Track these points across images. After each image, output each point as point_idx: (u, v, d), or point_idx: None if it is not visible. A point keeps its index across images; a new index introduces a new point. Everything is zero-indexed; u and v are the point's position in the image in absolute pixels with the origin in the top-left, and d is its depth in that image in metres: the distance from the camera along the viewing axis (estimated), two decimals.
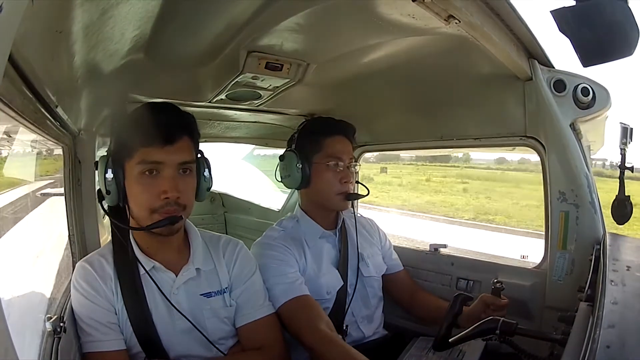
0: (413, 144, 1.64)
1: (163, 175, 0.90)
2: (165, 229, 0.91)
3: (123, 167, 0.92)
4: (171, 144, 0.90)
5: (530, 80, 1.15)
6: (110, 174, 0.91)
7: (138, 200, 0.92)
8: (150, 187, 0.90)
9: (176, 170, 0.92)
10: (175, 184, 0.90)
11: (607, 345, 0.54)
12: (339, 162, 1.27)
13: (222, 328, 1.02)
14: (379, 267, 1.42)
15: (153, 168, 0.90)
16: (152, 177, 0.90)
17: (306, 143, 1.29)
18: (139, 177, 0.90)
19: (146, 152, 0.89)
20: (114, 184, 0.91)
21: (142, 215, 0.92)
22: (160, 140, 0.89)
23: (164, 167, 0.90)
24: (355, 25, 0.97)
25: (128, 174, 0.92)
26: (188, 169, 0.94)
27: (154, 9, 0.81)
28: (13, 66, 0.62)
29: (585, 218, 1.13)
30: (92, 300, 0.92)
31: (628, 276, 0.80)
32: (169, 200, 0.90)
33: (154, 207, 0.90)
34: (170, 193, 0.90)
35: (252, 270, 1.09)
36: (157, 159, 0.90)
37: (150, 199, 0.90)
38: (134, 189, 0.92)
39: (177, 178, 0.91)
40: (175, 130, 0.92)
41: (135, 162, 0.90)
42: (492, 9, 0.88)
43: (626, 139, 1.14)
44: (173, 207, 0.91)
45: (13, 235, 1.16)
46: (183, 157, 0.92)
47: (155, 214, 0.91)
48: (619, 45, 0.76)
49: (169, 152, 0.90)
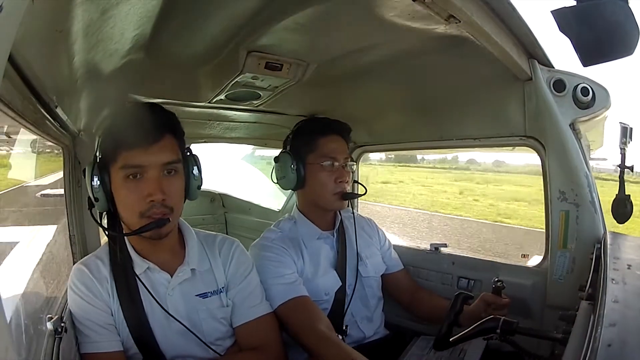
0: (413, 144, 1.64)
1: (147, 177, 0.89)
2: (154, 232, 0.90)
3: (109, 172, 0.91)
4: (153, 144, 0.89)
5: (530, 80, 1.15)
6: (96, 181, 0.90)
7: (125, 204, 0.91)
8: (135, 191, 0.89)
9: (160, 171, 0.90)
10: (160, 186, 0.89)
11: (608, 343, 0.54)
12: (334, 162, 1.27)
13: (218, 328, 1.01)
14: (378, 267, 1.42)
15: (136, 172, 0.89)
16: (136, 181, 0.89)
17: (300, 144, 1.29)
18: (124, 182, 0.89)
19: (128, 155, 0.88)
20: (101, 191, 0.90)
21: (131, 220, 0.91)
22: (141, 142, 0.88)
23: (147, 169, 0.89)
24: (355, 25, 0.96)
25: (113, 179, 0.91)
26: (173, 169, 0.92)
27: (154, 9, 0.81)
28: (13, 66, 0.62)
29: (585, 217, 1.13)
30: (89, 302, 0.92)
31: (629, 275, 0.80)
32: (154, 202, 0.89)
33: (141, 210, 0.89)
34: (154, 196, 0.88)
35: (248, 269, 1.08)
36: (139, 162, 0.88)
37: (136, 203, 0.89)
38: (120, 194, 0.91)
39: (161, 180, 0.90)
40: (156, 130, 0.90)
41: (118, 167, 0.89)
42: (492, 9, 0.88)
43: (626, 138, 1.14)
44: (160, 209, 0.89)
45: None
46: (166, 158, 0.90)
47: (143, 218, 0.89)
48: (619, 45, 0.76)
49: (151, 153, 0.89)
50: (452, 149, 1.54)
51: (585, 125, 1.19)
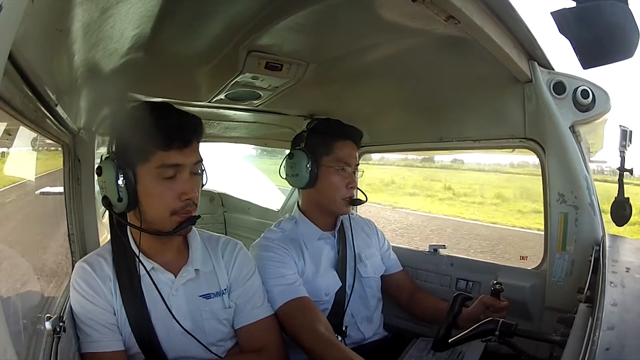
0: (413, 145, 1.64)
1: (181, 177, 0.91)
2: (185, 230, 0.93)
3: (135, 171, 0.91)
4: (188, 146, 0.92)
5: (530, 82, 1.15)
6: (122, 180, 0.89)
7: (156, 203, 0.92)
8: (170, 190, 0.91)
9: (191, 171, 0.93)
10: (192, 185, 0.92)
11: (607, 347, 0.54)
12: (347, 167, 1.28)
13: (220, 330, 1.01)
14: (378, 267, 1.42)
15: (175, 171, 0.91)
16: (171, 180, 0.91)
17: (316, 144, 1.29)
18: (159, 181, 0.90)
19: (165, 155, 0.90)
20: (125, 190, 0.90)
21: (162, 218, 0.92)
22: (179, 143, 0.90)
23: (183, 169, 0.92)
24: (355, 25, 0.96)
25: (142, 178, 0.91)
26: (199, 169, 0.96)
27: (153, 9, 0.81)
28: (13, 65, 0.62)
29: (584, 219, 1.13)
30: (91, 301, 0.92)
31: (627, 278, 0.80)
32: (189, 201, 0.92)
33: (174, 209, 0.91)
34: (190, 194, 0.92)
35: (251, 272, 1.08)
36: (177, 161, 0.90)
37: (171, 201, 0.91)
38: (151, 192, 0.91)
39: (192, 179, 0.93)
40: (192, 133, 0.93)
41: (153, 166, 0.90)
42: (492, 10, 0.88)
43: (625, 141, 1.14)
44: (192, 207, 0.93)
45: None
46: (197, 158, 0.94)
47: (175, 216, 0.91)
48: (619, 47, 0.76)
49: (186, 154, 0.91)
50: (451, 151, 1.54)
51: (585, 128, 1.19)
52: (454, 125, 1.41)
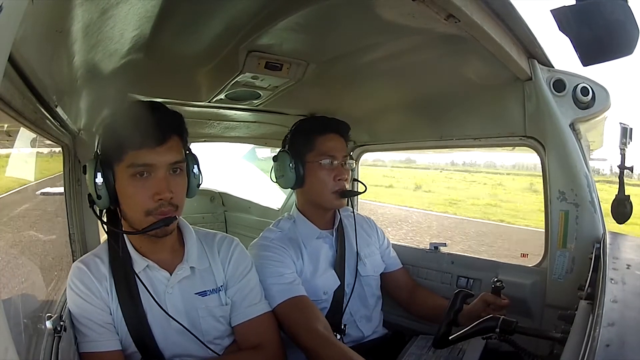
0: (413, 143, 1.64)
1: (155, 176, 0.90)
2: (160, 230, 0.91)
3: (113, 170, 0.91)
4: (161, 144, 0.90)
5: (530, 80, 1.15)
6: (100, 178, 0.90)
7: (131, 203, 0.91)
8: (143, 189, 0.89)
9: (167, 170, 0.91)
10: (167, 185, 0.90)
11: (607, 343, 0.54)
12: (333, 160, 1.27)
13: (217, 327, 1.01)
14: (377, 266, 1.42)
15: (144, 170, 0.89)
16: (143, 179, 0.90)
17: (299, 142, 1.30)
18: (131, 180, 0.89)
19: (136, 154, 0.88)
20: (104, 188, 0.90)
21: (137, 218, 0.91)
22: (151, 141, 0.89)
23: (155, 168, 0.90)
24: (355, 25, 0.96)
25: (119, 177, 0.91)
26: (178, 168, 0.94)
27: (153, 9, 0.81)
28: (13, 66, 0.62)
29: (585, 217, 1.13)
30: (88, 301, 0.92)
31: (628, 274, 0.80)
32: (162, 201, 0.90)
33: (148, 209, 0.90)
34: (163, 194, 0.89)
35: (247, 268, 1.08)
36: (147, 161, 0.89)
37: (144, 202, 0.89)
38: (126, 192, 0.91)
39: (168, 178, 0.91)
40: (165, 130, 0.91)
41: (125, 165, 0.89)
42: (491, 9, 0.88)
43: (626, 139, 1.14)
44: (167, 207, 0.90)
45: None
46: (174, 157, 0.91)
47: (149, 216, 0.90)
48: (619, 44, 0.76)
49: (159, 153, 0.89)
50: (452, 149, 1.54)
51: (585, 125, 1.19)
52: (454, 123, 1.41)
